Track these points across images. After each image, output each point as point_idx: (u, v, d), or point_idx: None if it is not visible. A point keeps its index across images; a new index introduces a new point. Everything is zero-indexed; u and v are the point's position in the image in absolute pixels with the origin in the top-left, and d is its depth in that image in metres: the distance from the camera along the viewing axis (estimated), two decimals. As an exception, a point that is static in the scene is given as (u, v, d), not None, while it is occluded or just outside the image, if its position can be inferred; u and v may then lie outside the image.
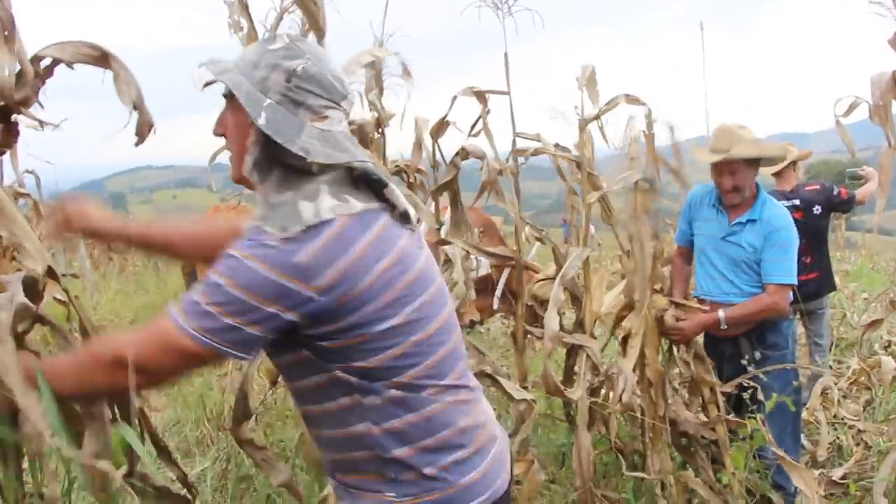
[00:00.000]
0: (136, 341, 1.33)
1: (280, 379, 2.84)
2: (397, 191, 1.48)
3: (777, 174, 4.82)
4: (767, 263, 3.10)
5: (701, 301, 3.32)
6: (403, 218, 1.48)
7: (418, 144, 3.46)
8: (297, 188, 1.37)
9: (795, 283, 3.11)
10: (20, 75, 1.61)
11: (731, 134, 3.17)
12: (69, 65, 1.62)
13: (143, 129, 1.59)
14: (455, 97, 3.28)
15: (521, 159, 3.33)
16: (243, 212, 6.95)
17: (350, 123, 3.17)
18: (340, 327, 1.35)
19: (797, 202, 4.72)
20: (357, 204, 1.38)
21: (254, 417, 2.85)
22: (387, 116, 3.26)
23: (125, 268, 12.86)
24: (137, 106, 1.57)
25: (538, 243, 4.06)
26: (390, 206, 1.46)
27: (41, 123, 1.65)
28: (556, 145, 3.32)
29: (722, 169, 3.18)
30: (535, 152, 3.27)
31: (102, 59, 1.60)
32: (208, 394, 4.62)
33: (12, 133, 1.68)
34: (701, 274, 3.36)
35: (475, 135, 3.39)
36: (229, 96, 1.43)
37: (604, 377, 3.25)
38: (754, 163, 3.18)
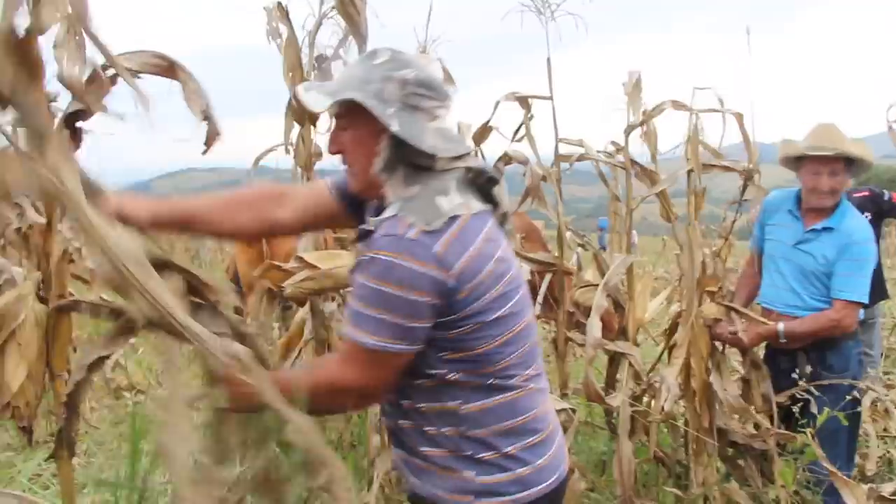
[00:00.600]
0: (336, 370, 1.49)
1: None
2: (504, 190, 1.63)
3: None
4: (839, 277, 2.93)
5: (766, 312, 3.19)
6: (503, 218, 1.63)
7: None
8: (423, 183, 1.50)
9: (867, 301, 2.96)
10: (88, 83, 1.65)
11: (833, 132, 3.01)
12: (135, 74, 1.65)
13: (212, 138, 1.63)
14: (498, 102, 3.29)
15: (564, 165, 3.31)
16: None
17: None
18: (465, 314, 1.47)
19: None
20: (476, 204, 1.53)
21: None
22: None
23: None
24: (207, 115, 1.60)
25: (580, 249, 4.04)
26: (495, 204, 1.61)
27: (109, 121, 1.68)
28: (605, 151, 3.30)
29: (821, 169, 2.99)
30: (580, 158, 3.26)
31: (170, 69, 1.64)
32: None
33: (77, 139, 1.73)
34: (767, 282, 3.22)
35: (518, 140, 3.40)
36: (345, 114, 1.54)
37: (646, 385, 3.23)
38: (851, 167, 3.03)
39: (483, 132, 3.42)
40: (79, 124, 1.65)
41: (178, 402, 1.28)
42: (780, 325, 2.97)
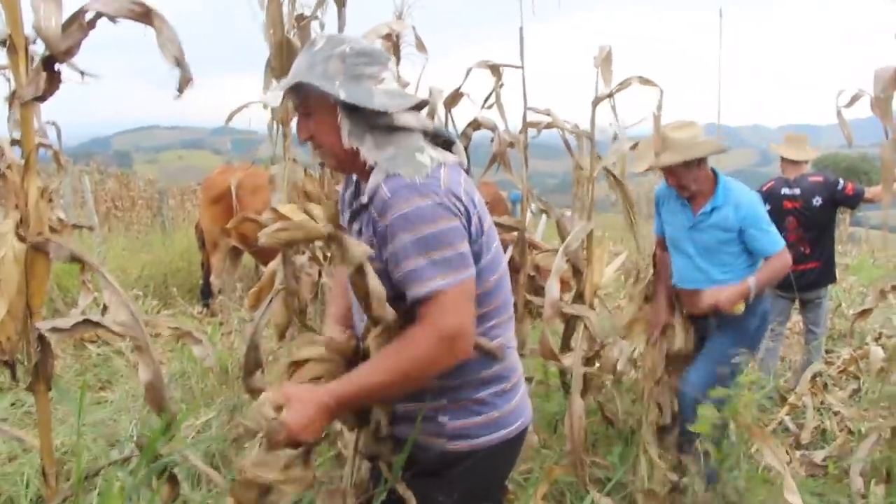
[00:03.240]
0: (430, 329, 1.49)
1: (291, 333, 2.96)
2: (461, 149, 1.73)
3: (787, 161, 4.91)
4: (754, 243, 3.22)
5: (678, 290, 3.51)
6: (466, 174, 1.73)
7: (432, 114, 3.53)
8: (396, 144, 1.60)
9: (784, 243, 3.23)
10: (66, 26, 1.69)
11: (663, 139, 3.23)
12: (112, 19, 1.70)
13: (184, 85, 1.68)
14: (470, 69, 3.36)
15: (531, 132, 3.41)
16: (253, 173, 7.04)
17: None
18: (474, 250, 1.59)
19: (797, 191, 4.80)
20: (450, 156, 1.66)
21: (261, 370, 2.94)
22: (402, 85, 3.34)
23: (130, 227, 12.95)
24: (179, 62, 1.65)
25: (544, 216, 4.16)
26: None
27: (82, 74, 1.73)
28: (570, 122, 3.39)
29: (663, 170, 3.32)
30: (547, 126, 3.36)
31: (145, 15, 1.68)
32: (213, 349, 4.73)
33: (55, 82, 1.77)
34: (676, 264, 3.49)
35: (488, 107, 3.48)
36: (303, 101, 1.65)
37: (600, 347, 3.38)
38: (696, 161, 3.25)
39: (454, 98, 3.50)
40: (57, 67, 1.69)
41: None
42: (751, 281, 3.20)
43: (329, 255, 3.11)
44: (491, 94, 3.39)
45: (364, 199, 1.61)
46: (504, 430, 1.72)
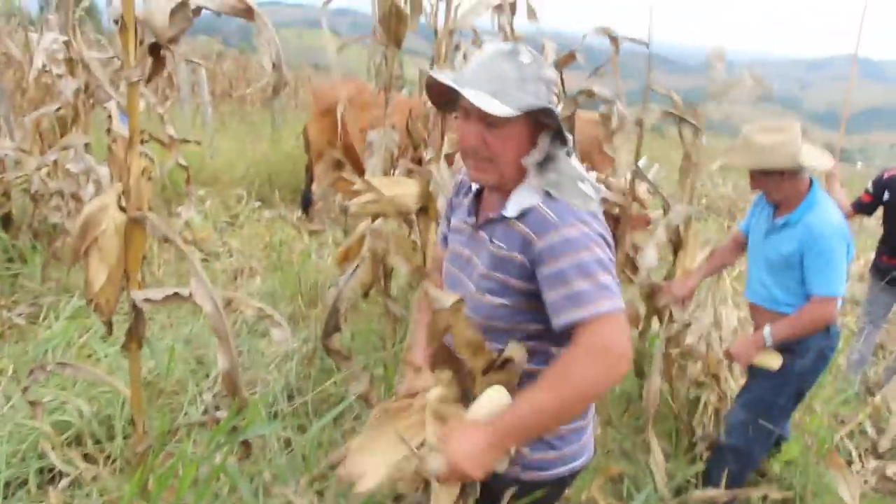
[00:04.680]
0: (609, 336, 1.45)
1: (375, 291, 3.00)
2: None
3: None
4: (808, 273, 2.88)
5: (749, 304, 3.23)
6: None
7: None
8: (558, 169, 1.60)
9: (839, 294, 2.86)
10: (172, 15, 1.70)
11: (745, 140, 2.96)
12: (216, 13, 1.70)
13: (279, 87, 1.68)
14: (585, 36, 3.20)
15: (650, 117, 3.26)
16: (363, 90, 7.05)
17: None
18: None
19: None
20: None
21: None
22: (517, 40, 3.22)
23: (244, 116, 13.26)
24: (276, 66, 1.64)
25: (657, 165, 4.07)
26: None
27: (187, 61, 1.75)
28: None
29: (749, 177, 3.06)
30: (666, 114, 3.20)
31: (248, 12, 1.67)
32: (304, 269, 4.91)
33: (160, 66, 1.80)
34: (749, 272, 3.23)
35: (600, 75, 3.32)
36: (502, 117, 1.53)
37: (682, 327, 3.33)
38: (777, 170, 2.92)
39: (566, 59, 3.36)
40: (163, 52, 1.72)
41: None
42: (767, 330, 2.94)
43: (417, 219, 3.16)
44: (603, 64, 3.22)
45: (509, 212, 1.59)
46: (572, 464, 1.75)
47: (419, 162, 3.93)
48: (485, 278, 1.64)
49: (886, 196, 4.48)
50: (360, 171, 7.07)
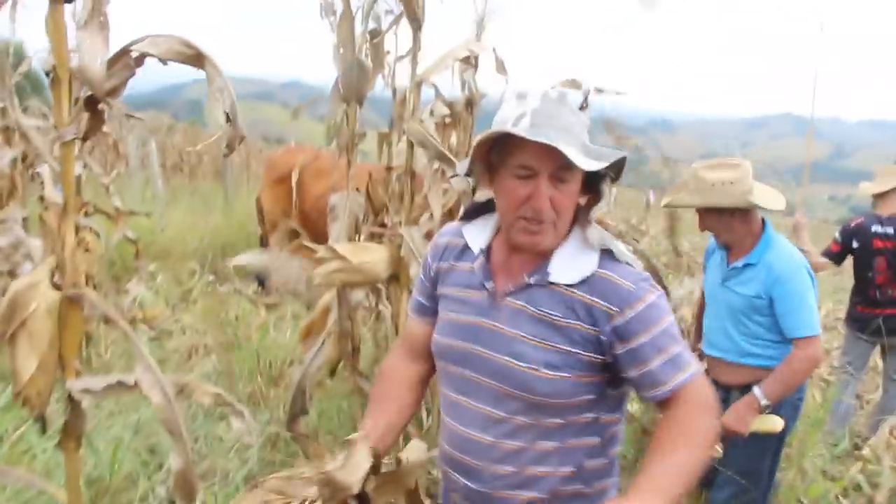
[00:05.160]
0: (708, 392, 1.47)
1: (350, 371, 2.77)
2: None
3: (879, 196, 4.48)
4: (783, 317, 2.71)
5: (707, 357, 3.00)
6: None
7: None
8: (593, 226, 1.50)
9: (818, 332, 2.71)
10: (111, 64, 1.51)
11: (694, 178, 2.82)
12: (162, 60, 1.51)
13: (234, 143, 1.47)
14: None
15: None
16: (318, 157, 6.90)
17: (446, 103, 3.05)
18: None
19: (890, 230, 4.38)
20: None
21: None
22: (479, 96, 3.11)
23: (195, 190, 13.01)
24: (230, 118, 1.44)
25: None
26: None
27: (129, 117, 1.55)
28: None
29: (697, 211, 2.90)
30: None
31: (197, 59, 1.49)
32: (263, 346, 4.64)
33: (98, 122, 1.59)
34: (706, 323, 3.06)
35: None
36: (565, 166, 1.40)
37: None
38: (728, 208, 2.78)
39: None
40: (101, 107, 1.51)
41: None
42: (757, 391, 2.70)
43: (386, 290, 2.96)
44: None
45: (562, 278, 1.46)
46: None
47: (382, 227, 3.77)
48: (535, 349, 1.46)
49: (855, 244, 4.44)
50: (318, 240, 6.89)
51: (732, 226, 2.80)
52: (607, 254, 1.48)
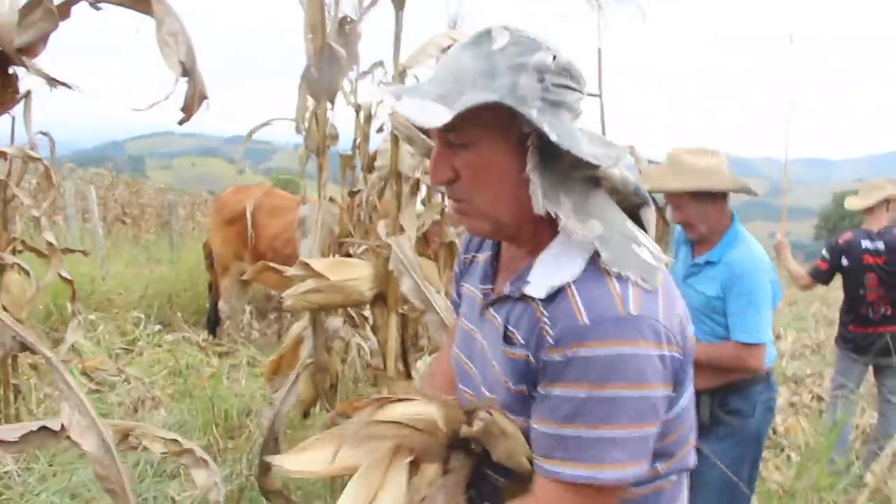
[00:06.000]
0: None
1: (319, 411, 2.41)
2: (653, 214, 1.20)
3: (868, 211, 4.34)
4: (731, 317, 2.55)
5: None
6: None
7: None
8: (600, 217, 1.06)
9: (763, 341, 2.53)
10: (24, 13, 1.16)
11: (677, 163, 2.65)
12: (93, 5, 1.17)
13: (193, 103, 1.12)
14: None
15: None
16: (271, 194, 6.55)
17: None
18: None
19: (881, 245, 4.23)
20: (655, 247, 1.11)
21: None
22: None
23: (138, 239, 12.47)
24: (188, 70, 1.10)
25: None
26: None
27: (50, 81, 1.19)
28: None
29: (671, 200, 2.72)
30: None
31: (143, 1, 1.15)
32: (217, 395, 4.20)
33: (11, 89, 1.24)
34: None
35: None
36: (462, 126, 1.02)
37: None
38: (710, 196, 2.62)
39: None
40: (13, 71, 1.16)
41: None
42: None
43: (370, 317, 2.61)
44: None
45: (532, 290, 1.06)
46: None
47: (347, 256, 3.41)
48: (498, 384, 1.12)
49: (845, 262, 4.28)
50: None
51: (708, 215, 2.64)
52: (597, 260, 1.04)
